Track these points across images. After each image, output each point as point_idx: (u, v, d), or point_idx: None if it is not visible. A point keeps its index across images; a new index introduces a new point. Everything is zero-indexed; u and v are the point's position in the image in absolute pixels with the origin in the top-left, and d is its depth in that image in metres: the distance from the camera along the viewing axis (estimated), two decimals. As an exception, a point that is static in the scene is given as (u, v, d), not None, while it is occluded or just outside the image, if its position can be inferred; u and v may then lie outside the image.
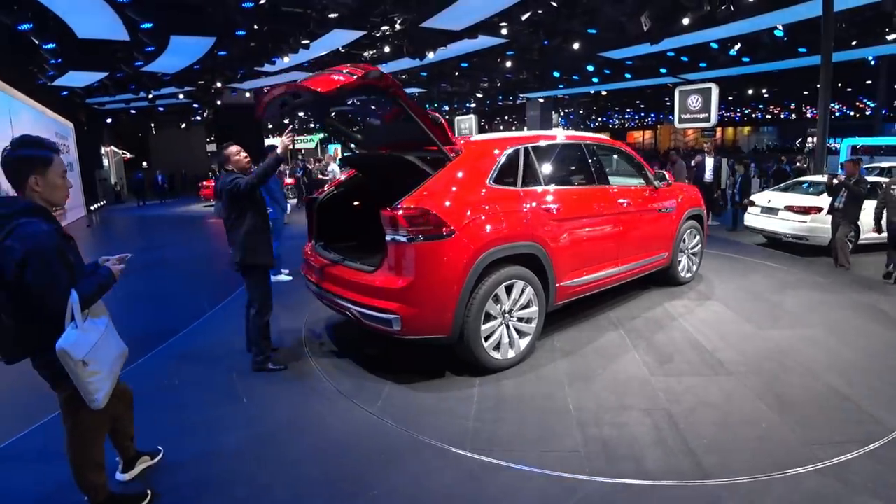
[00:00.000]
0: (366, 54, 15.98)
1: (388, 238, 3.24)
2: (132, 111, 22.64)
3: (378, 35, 13.75)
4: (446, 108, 31.40)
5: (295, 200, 15.56)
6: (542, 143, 4.15)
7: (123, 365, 2.21)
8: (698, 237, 5.81)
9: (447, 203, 3.29)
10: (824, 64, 10.37)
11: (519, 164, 3.80)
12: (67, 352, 1.83)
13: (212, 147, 28.77)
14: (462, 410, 3.11)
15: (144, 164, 28.51)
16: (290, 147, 3.72)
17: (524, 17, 12.88)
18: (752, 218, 9.29)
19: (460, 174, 3.49)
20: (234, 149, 3.77)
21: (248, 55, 14.08)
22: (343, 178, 4.71)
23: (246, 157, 3.77)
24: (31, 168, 1.92)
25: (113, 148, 24.39)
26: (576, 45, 15.79)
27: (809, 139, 32.62)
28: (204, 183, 19.17)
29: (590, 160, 4.46)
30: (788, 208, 8.47)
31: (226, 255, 8.55)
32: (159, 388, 3.58)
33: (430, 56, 15.57)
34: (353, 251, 4.02)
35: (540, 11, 12.71)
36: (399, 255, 3.21)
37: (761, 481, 2.40)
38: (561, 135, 4.52)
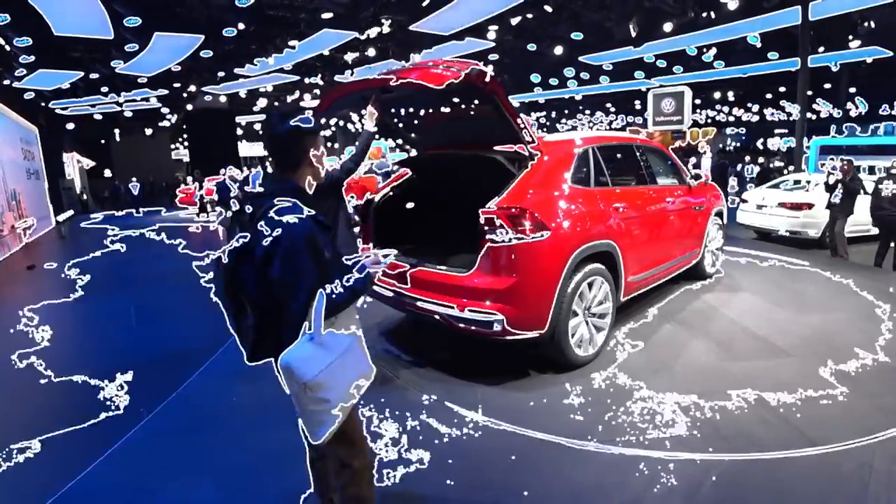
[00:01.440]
0: (347, 57, 16.07)
1: (488, 238, 3.33)
2: (97, 116, 21.76)
3: (364, 38, 13.91)
4: (422, 111, 31.64)
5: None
6: (605, 143, 4.44)
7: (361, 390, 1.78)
8: (721, 233, 6.27)
9: (542, 202, 3.49)
10: (802, 68, 11.23)
11: (590, 163, 4.07)
12: (293, 369, 1.58)
13: (180, 154, 27.98)
14: (564, 406, 3.31)
15: (107, 172, 27.44)
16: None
17: (514, 22, 13.30)
18: (745, 215, 9.96)
19: (546, 174, 3.70)
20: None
21: (232, 56, 13.94)
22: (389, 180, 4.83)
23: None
24: (311, 141, 1.76)
25: (76, 155, 23.38)
26: (558, 50, 16.33)
27: (776, 140, 34.75)
28: (182, 189, 18.72)
29: (641, 160, 4.80)
30: (781, 205, 9.15)
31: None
32: (233, 408, 3.52)
33: (415, 59, 15.78)
34: (422, 254, 4.07)
35: (530, 16, 13.17)
36: (501, 256, 3.31)
37: (863, 445, 2.75)
38: (616, 135, 4.84)
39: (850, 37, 13.41)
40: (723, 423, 3.05)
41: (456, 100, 3.82)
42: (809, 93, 13.14)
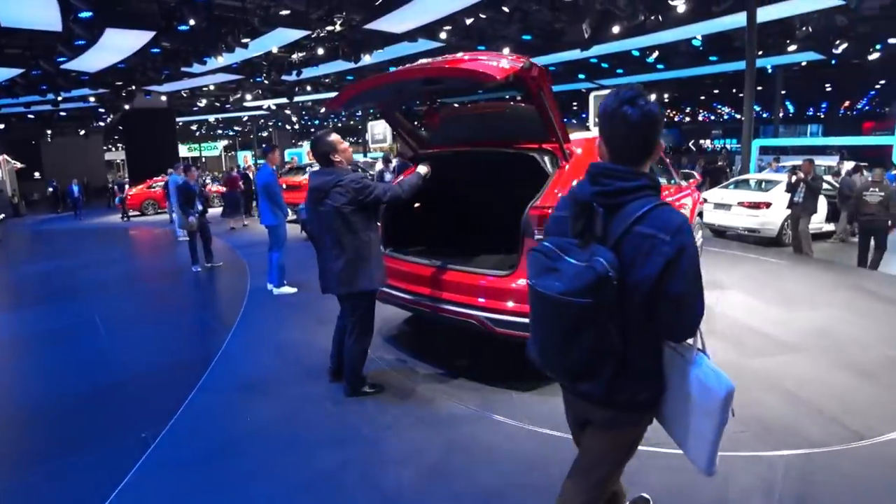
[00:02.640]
0: (294, 56, 15.60)
1: (537, 238, 3.17)
2: (30, 115, 20.10)
3: (314, 36, 13.55)
4: (360, 113, 31.29)
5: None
6: None
7: None
8: (701, 231, 6.55)
9: None
10: (749, 71, 12.02)
11: None
12: (731, 397, 1.45)
13: (113, 155, 27.10)
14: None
15: (37, 174, 26.29)
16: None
17: (469, 22, 13.39)
18: (704, 214, 10.50)
19: (576, 172, 3.67)
20: (336, 137, 3.35)
21: (180, 53, 13.17)
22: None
23: (350, 148, 3.50)
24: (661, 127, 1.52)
25: (6, 157, 21.37)
26: (506, 51, 16.63)
27: (710, 140, 37.36)
28: (125, 192, 17.55)
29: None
30: (741, 204, 9.71)
31: (187, 264, 7.84)
32: (249, 432, 3.27)
33: (367, 59, 15.56)
34: (444, 255, 3.95)
35: (483, 16, 13.29)
36: None
37: (903, 435, 2.90)
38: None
39: (788, 41, 14.55)
40: (768, 420, 3.11)
41: (495, 95, 3.70)
42: (740, 95, 14.10)
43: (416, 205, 4.48)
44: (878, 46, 15.62)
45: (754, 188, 10.24)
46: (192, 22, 10.56)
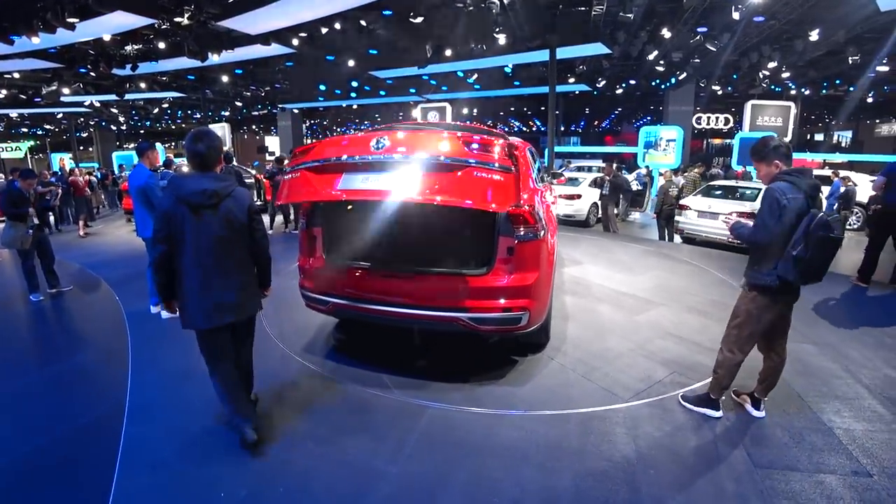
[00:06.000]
0: (129, 48, 12.76)
1: (516, 236, 3.03)
2: None
3: (157, 27, 11.23)
4: (198, 115, 27.06)
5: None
6: (529, 146, 4.45)
7: None
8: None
9: (533, 202, 3.25)
10: (551, 94, 13.47)
11: (535, 164, 4.16)
12: None
13: None
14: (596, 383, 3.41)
15: None
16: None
17: (324, 31, 12.49)
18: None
19: (524, 175, 3.56)
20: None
21: None
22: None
23: None
24: None
25: None
26: (351, 63, 16.04)
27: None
28: None
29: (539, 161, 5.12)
30: (561, 196, 10.88)
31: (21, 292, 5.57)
32: None
33: (215, 58, 13.47)
34: (402, 261, 3.35)
35: (337, 26, 12.53)
36: (527, 252, 3.06)
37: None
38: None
39: (569, 75, 16.70)
40: (679, 359, 3.56)
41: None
42: (529, 112, 15.83)
43: (349, 207, 3.72)
44: (623, 84, 18.96)
45: (567, 184, 11.56)
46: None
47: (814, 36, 11.05)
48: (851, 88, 17.49)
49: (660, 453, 2.50)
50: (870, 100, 19.57)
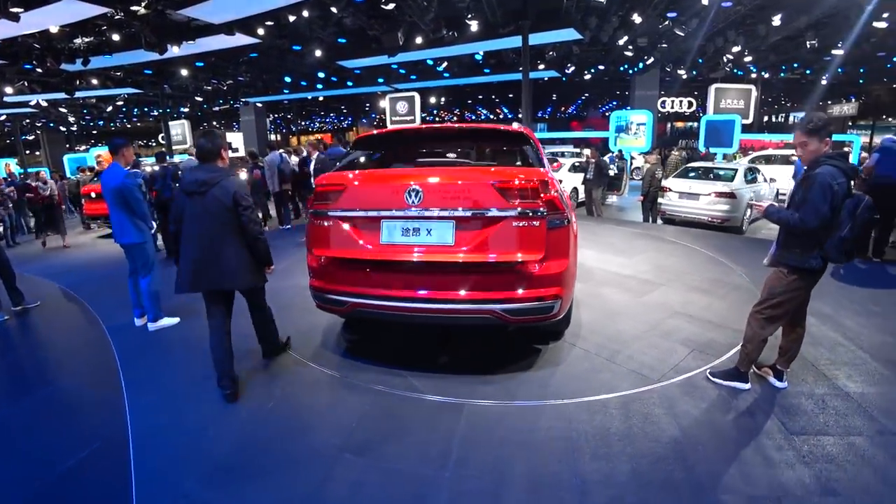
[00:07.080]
0: (77, 41, 11.97)
1: (549, 223, 2.93)
2: None
3: (111, 17, 10.57)
4: (156, 113, 25.74)
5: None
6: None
7: None
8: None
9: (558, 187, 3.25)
10: (525, 81, 13.51)
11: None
12: None
13: None
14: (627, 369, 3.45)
15: None
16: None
17: (292, 19, 12.07)
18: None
19: (541, 162, 3.60)
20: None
21: None
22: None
23: None
24: None
25: None
26: (318, 52, 15.62)
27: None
28: None
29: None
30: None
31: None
32: None
33: (175, 51, 12.81)
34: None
35: (306, 14, 12.13)
36: (558, 239, 2.98)
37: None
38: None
39: (539, 61, 16.78)
40: (693, 338, 3.64)
41: None
42: (497, 100, 15.92)
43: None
44: (592, 70, 19.21)
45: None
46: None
47: (776, 21, 11.51)
48: (808, 72, 18.35)
49: (702, 430, 2.55)
50: (823, 82, 20.59)
